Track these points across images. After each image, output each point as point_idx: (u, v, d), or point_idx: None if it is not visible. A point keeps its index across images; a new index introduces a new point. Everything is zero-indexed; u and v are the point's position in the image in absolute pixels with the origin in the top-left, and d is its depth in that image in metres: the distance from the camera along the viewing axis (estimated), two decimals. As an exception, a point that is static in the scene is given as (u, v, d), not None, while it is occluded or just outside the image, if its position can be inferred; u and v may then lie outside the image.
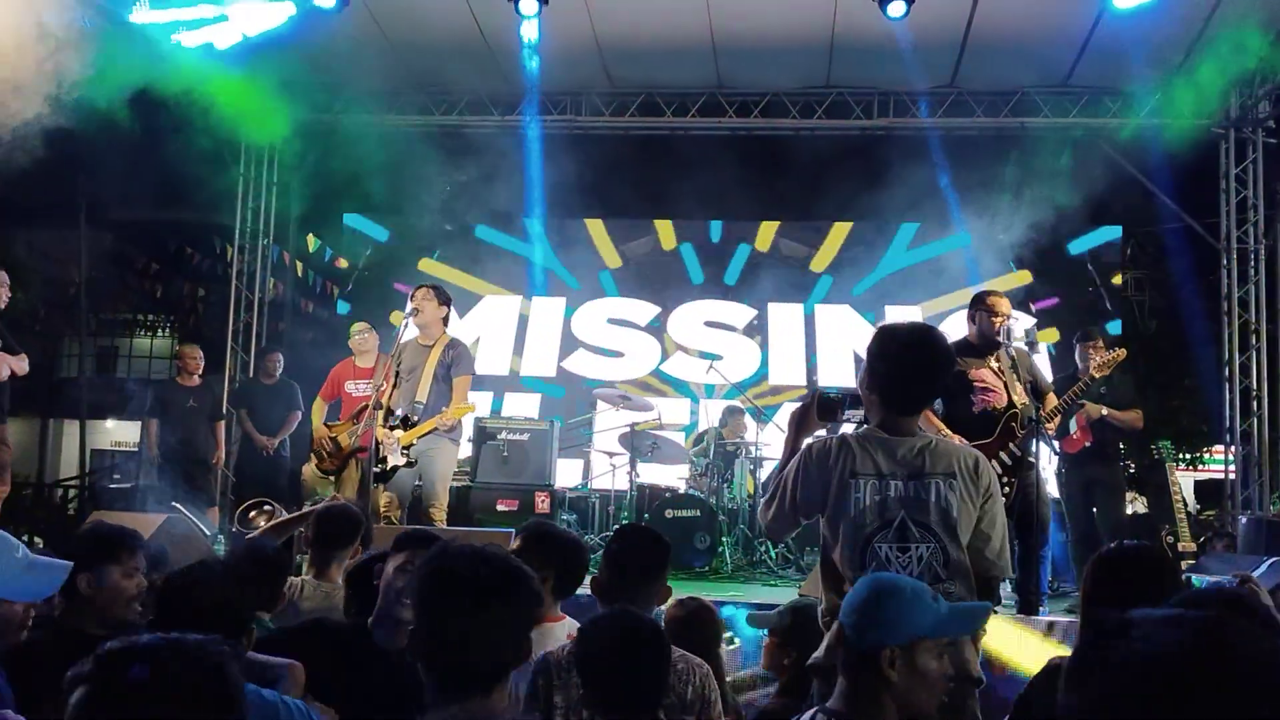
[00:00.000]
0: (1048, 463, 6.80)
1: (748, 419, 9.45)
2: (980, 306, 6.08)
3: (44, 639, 2.78)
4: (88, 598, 2.95)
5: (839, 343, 11.14)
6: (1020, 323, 6.42)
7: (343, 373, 8.25)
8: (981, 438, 5.77)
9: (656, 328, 11.36)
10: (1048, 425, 6.06)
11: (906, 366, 3.17)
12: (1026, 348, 6.24)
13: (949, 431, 5.40)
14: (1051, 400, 6.20)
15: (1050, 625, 5.59)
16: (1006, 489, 5.71)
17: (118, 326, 24.75)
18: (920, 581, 2.60)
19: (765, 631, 3.93)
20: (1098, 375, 6.20)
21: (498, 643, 2.04)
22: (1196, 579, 6.02)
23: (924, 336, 3.25)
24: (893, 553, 3.05)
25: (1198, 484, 14.99)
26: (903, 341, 3.20)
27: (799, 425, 3.35)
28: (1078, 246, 11.11)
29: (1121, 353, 6.26)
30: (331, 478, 7.41)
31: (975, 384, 5.94)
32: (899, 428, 3.18)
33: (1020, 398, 5.85)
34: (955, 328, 10.27)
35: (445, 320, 6.99)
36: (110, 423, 24.20)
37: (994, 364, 5.99)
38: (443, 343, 6.89)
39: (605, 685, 2.67)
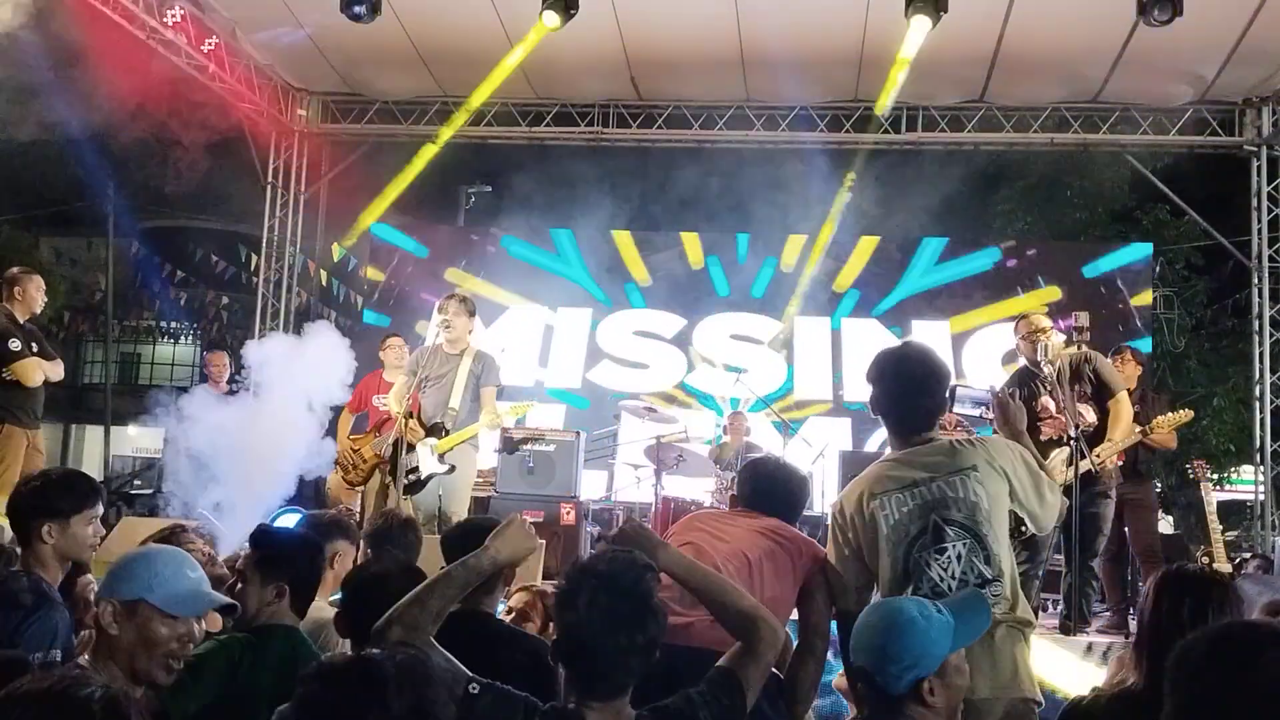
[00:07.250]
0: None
1: (747, 422, 9.38)
2: (1016, 331, 5.97)
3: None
4: (52, 545, 3.09)
5: (866, 357, 11.01)
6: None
7: (370, 385, 8.05)
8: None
9: (682, 340, 11.32)
10: (1102, 464, 5.91)
11: (896, 387, 3.27)
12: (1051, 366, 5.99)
13: None
14: (1124, 404, 6.00)
15: (1089, 646, 5.52)
16: None
17: (141, 333, 24.86)
18: (920, 598, 2.58)
19: None
20: (1160, 439, 6.03)
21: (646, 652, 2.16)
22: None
23: (902, 355, 3.38)
24: (930, 556, 2.97)
25: (1219, 504, 14.80)
26: (887, 363, 3.34)
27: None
28: (1107, 264, 10.94)
29: (1188, 414, 6.15)
30: (358, 489, 7.38)
31: (1040, 413, 5.83)
32: (912, 443, 3.20)
33: (1074, 419, 5.69)
34: (983, 343, 10.37)
35: (471, 331, 6.91)
36: (132, 429, 24.29)
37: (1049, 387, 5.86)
38: (470, 353, 6.78)
39: None
